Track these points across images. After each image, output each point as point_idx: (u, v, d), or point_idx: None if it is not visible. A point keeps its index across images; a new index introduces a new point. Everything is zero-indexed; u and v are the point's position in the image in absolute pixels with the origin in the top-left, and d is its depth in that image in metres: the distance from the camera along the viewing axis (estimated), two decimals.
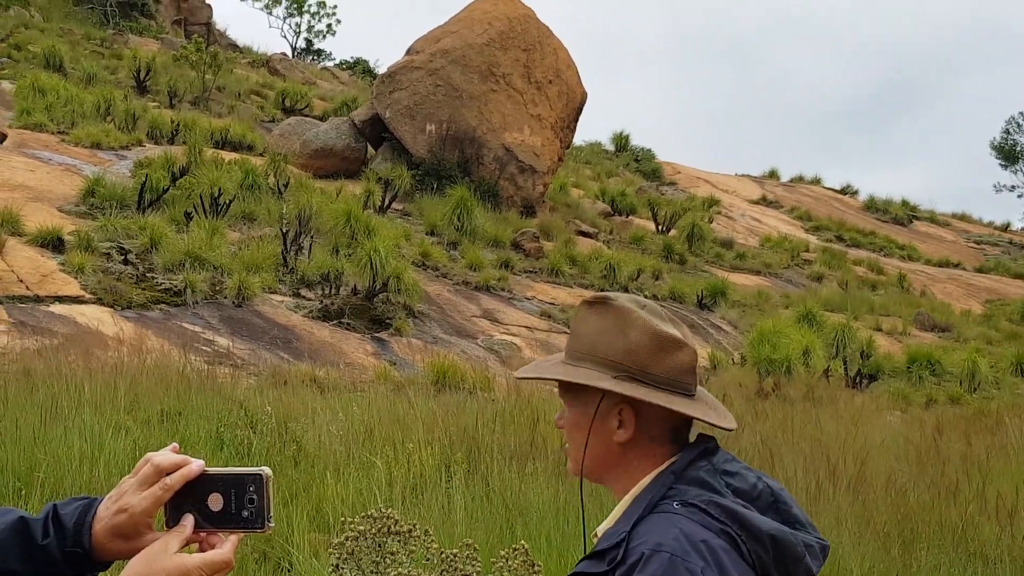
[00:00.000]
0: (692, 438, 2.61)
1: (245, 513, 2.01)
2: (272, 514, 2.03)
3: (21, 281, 17.12)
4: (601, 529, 2.58)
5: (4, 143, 25.96)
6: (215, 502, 2.01)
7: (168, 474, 2.00)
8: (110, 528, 2.01)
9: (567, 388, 2.61)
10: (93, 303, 17.05)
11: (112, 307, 17.08)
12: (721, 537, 2.34)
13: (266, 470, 2.02)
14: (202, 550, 2.01)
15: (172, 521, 2.02)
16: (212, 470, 2.03)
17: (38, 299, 16.68)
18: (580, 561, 2.49)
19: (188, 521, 2.01)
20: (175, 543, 1.97)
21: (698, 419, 2.55)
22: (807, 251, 38.03)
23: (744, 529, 2.37)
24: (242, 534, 2.04)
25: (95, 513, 2.03)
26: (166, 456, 2.03)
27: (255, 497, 2.01)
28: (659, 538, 2.31)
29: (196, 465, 2.01)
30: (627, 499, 2.54)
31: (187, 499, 2.01)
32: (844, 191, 52.34)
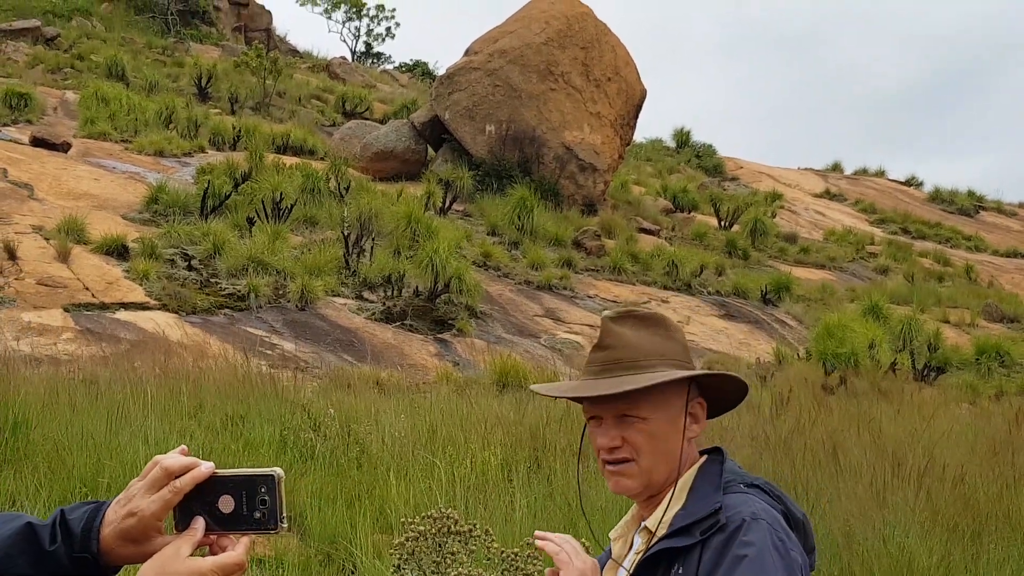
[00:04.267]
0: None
1: (257, 514, 2.00)
2: (285, 515, 2.02)
3: (87, 289, 17.31)
4: (652, 522, 2.61)
5: (69, 152, 26.26)
6: (226, 504, 2.01)
7: (177, 476, 2.00)
8: (119, 532, 2.01)
9: (644, 401, 2.60)
10: (158, 309, 17.21)
11: (177, 313, 17.22)
12: (782, 517, 2.49)
13: (278, 471, 2.02)
14: (213, 553, 2.01)
15: (181, 524, 2.01)
16: (222, 472, 2.02)
17: (104, 306, 16.85)
18: (657, 541, 2.51)
19: (199, 524, 2.00)
20: (187, 547, 1.97)
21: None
22: (872, 244, 37.70)
23: (790, 512, 2.53)
24: (254, 536, 2.03)
25: (103, 517, 2.03)
26: (175, 459, 2.02)
27: (267, 498, 2.00)
28: (753, 508, 2.44)
29: (206, 467, 2.01)
30: (680, 488, 2.60)
31: (196, 502, 2.01)
32: (909, 183, 51.79)
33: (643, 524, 2.64)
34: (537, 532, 2.86)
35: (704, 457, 2.66)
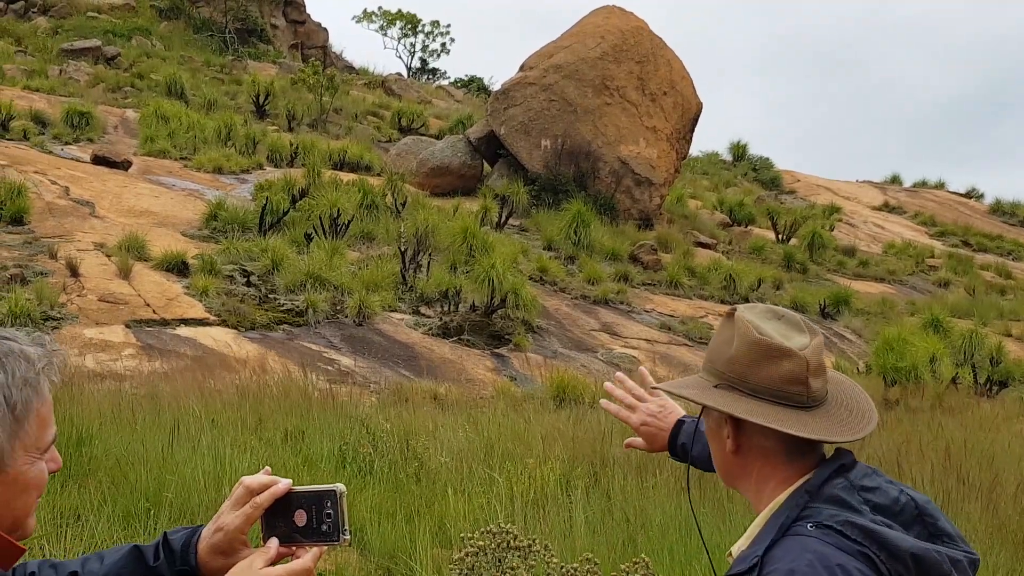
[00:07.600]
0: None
1: (324, 527, 2.16)
2: (348, 527, 2.17)
3: (148, 305, 17.46)
4: (736, 549, 2.52)
5: (129, 170, 26.54)
6: (300, 518, 2.17)
7: (258, 494, 2.21)
8: (210, 546, 2.25)
9: (704, 409, 2.60)
10: (217, 325, 17.33)
11: (236, 328, 17.33)
12: (858, 559, 2.25)
13: (339, 486, 2.16)
14: None
15: (267, 538, 2.20)
16: (298, 488, 2.20)
17: (164, 322, 16.99)
18: None
19: (273, 542, 2.18)
20: (260, 560, 2.16)
21: (786, 431, 2.43)
22: (932, 257, 37.29)
23: (883, 549, 2.27)
24: (324, 547, 2.19)
25: (199, 535, 2.28)
26: (256, 477, 2.24)
27: (331, 512, 2.15)
28: (792, 564, 2.24)
29: (283, 484, 2.20)
30: (760, 519, 2.47)
31: (278, 516, 2.18)
32: (969, 195, 51.19)
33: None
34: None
35: (804, 479, 2.43)
